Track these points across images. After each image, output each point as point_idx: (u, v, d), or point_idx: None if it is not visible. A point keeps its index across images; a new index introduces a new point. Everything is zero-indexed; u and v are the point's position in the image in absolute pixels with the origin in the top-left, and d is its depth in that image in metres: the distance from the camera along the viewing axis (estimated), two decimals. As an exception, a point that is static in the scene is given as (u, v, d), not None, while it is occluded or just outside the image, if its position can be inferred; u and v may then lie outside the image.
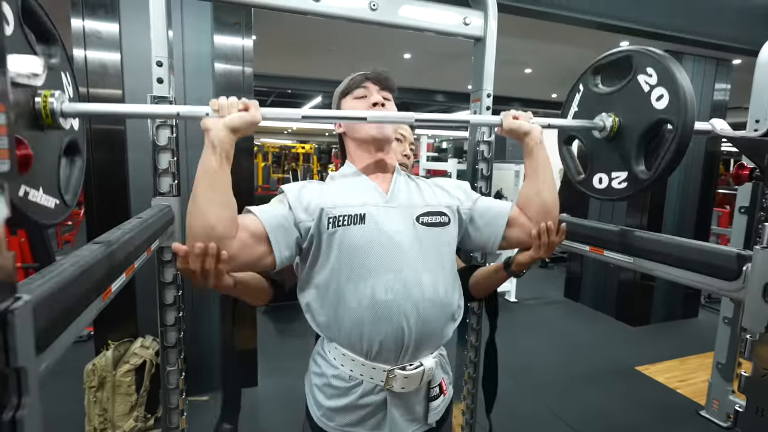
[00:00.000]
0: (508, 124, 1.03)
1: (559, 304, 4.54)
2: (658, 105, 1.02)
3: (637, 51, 1.09)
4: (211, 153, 0.79)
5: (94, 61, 2.15)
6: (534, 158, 1.02)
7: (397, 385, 0.90)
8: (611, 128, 1.12)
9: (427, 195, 1.01)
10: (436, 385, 0.97)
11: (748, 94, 2.11)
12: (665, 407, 2.65)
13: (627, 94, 1.11)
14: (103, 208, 2.27)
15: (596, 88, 1.21)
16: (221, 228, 0.77)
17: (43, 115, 0.67)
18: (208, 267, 0.74)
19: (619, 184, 1.13)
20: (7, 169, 0.37)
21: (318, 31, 3.59)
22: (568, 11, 2.64)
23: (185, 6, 2.27)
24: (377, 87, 1.01)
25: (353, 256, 0.88)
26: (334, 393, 0.93)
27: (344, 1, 1.35)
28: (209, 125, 0.80)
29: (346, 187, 0.97)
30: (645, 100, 1.04)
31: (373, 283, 0.87)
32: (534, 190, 1.02)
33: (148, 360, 2.16)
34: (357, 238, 0.88)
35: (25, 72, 0.47)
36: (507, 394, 2.74)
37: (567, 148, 1.33)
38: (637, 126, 1.07)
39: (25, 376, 0.40)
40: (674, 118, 0.98)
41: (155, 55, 1.18)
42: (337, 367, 0.92)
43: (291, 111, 0.93)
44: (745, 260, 0.82)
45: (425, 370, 0.92)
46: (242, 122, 0.81)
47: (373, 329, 0.87)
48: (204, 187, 0.78)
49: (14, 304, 0.39)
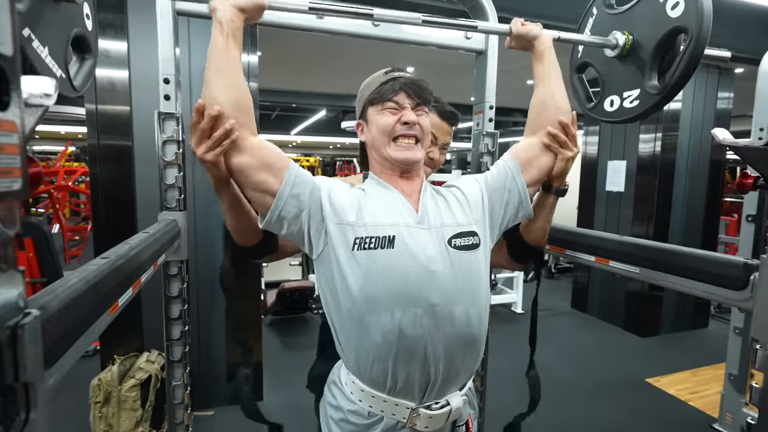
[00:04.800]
0: (517, 29, 1.03)
1: (566, 315, 4.49)
2: (673, 13, 1.00)
3: None
4: (219, 32, 0.80)
5: (103, 79, 2.19)
6: (545, 62, 1.02)
7: (421, 424, 0.82)
8: (624, 45, 1.10)
9: (457, 211, 0.90)
10: (462, 424, 0.89)
11: (751, 103, 2.11)
12: (677, 420, 2.60)
13: (641, 8, 1.09)
14: (110, 223, 2.29)
15: (609, 9, 1.20)
16: (228, 109, 0.79)
17: None
18: (217, 135, 0.78)
19: (631, 103, 1.11)
20: (19, 187, 0.37)
21: (321, 47, 3.64)
22: (570, 23, 2.66)
23: (192, 24, 2.32)
24: (411, 102, 0.89)
25: (379, 284, 0.79)
26: (351, 429, 0.86)
27: (347, 18, 1.37)
28: (216, 5, 0.80)
29: (375, 199, 0.87)
30: (660, 11, 1.03)
31: (401, 316, 0.79)
32: (549, 93, 1.00)
33: (153, 375, 2.16)
34: (384, 265, 0.79)
35: (38, 92, 0.49)
36: (515, 406, 2.69)
37: (578, 76, 1.31)
38: (650, 40, 1.05)
39: (34, 391, 0.40)
40: (690, 24, 0.96)
41: (163, 72, 1.20)
42: (354, 402, 0.85)
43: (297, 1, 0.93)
44: (753, 269, 0.82)
45: (452, 409, 0.84)
46: (250, 2, 0.82)
47: (399, 365, 0.80)
48: (212, 70, 0.81)
49: (23, 319, 0.40)
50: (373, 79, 0.94)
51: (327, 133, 10.76)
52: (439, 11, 2.16)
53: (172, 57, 1.20)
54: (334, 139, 12.55)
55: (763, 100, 2.07)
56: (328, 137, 11.88)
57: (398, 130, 0.88)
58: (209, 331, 2.53)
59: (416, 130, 0.89)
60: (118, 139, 2.26)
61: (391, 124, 0.88)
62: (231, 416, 2.50)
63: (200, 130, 0.79)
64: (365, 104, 0.94)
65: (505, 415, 1.34)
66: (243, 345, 2.08)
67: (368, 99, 0.92)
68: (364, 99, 0.94)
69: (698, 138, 3.89)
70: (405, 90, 0.88)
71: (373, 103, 0.91)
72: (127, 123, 2.25)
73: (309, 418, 1.01)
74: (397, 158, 0.89)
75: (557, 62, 1.02)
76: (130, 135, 2.26)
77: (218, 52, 0.80)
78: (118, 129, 2.24)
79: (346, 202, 0.84)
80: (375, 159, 0.95)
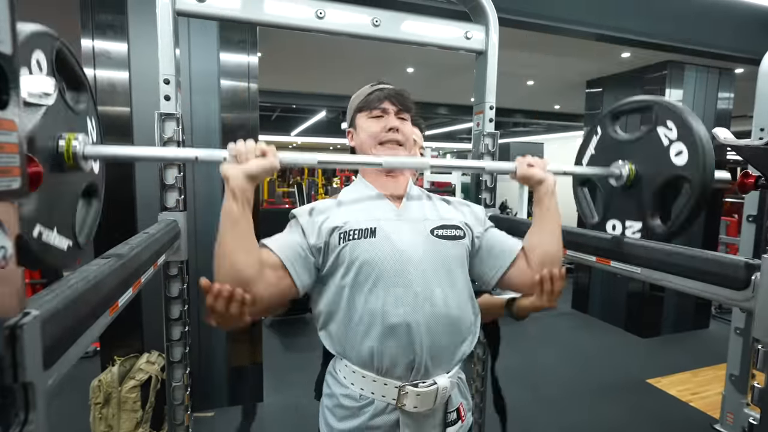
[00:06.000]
0: (522, 171, 0.99)
1: (567, 316, 4.48)
2: (677, 161, 1.00)
3: (659, 102, 1.07)
4: (233, 200, 0.80)
5: (103, 80, 2.19)
6: (543, 207, 0.99)
7: (410, 403, 0.86)
8: (627, 177, 1.10)
9: (442, 210, 1.01)
10: (453, 410, 0.92)
11: (752, 103, 2.11)
12: (678, 421, 2.59)
13: (646, 145, 1.08)
14: (110, 223, 2.28)
15: (614, 133, 1.19)
16: (247, 272, 0.80)
17: (65, 157, 0.69)
18: (233, 311, 0.75)
19: (633, 234, 1.11)
20: (18, 186, 0.37)
21: (322, 47, 3.64)
22: (569, 24, 2.66)
23: (192, 25, 2.32)
24: (395, 108, 1.01)
25: (363, 270, 0.87)
26: (344, 414, 0.90)
27: (347, 18, 1.38)
28: (229, 174, 0.80)
29: (358, 204, 0.98)
30: (664, 154, 1.02)
31: (384, 296, 0.86)
32: (537, 239, 0.98)
33: (153, 376, 2.15)
34: (367, 251, 0.87)
35: (37, 91, 0.48)
36: (516, 407, 2.68)
37: (582, 190, 1.30)
38: (654, 178, 1.05)
39: (33, 391, 0.40)
40: (692, 177, 0.96)
41: (163, 72, 1.20)
42: (347, 386, 0.90)
43: (308, 156, 0.94)
44: (754, 269, 0.81)
45: (439, 388, 0.87)
46: (261, 170, 0.81)
47: (384, 344, 0.85)
48: (229, 235, 0.80)
49: (23, 319, 0.40)
50: (362, 91, 1.06)
51: (327, 134, 10.77)
52: (440, 12, 2.16)
53: (172, 57, 1.20)
54: (334, 140, 12.56)
55: (763, 101, 2.07)
56: (328, 138, 11.89)
57: (383, 136, 0.99)
58: (209, 332, 2.52)
59: (399, 135, 0.99)
60: (118, 140, 2.25)
61: (377, 131, 0.99)
62: (231, 417, 2.50)
63: (218, 312, 0.77)
64: (354, 112, 1.05)
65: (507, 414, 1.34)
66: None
67: (357, 107, 1.04)
68: (353, 108, 1.05)
69: (698, 138, 3.89)
70: (389, 99, 1.00)
71: (361, 111, 1.03)
72: (127, 124, 2.25)
73: (309, 420, 1.01)
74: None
75: (557, 207, 1.00)
76: (130, 136, 2.26)
77: (234, 219, 0.80)
78: (118, 130, 2.24)
79: (328, 214, 0.93)
80: None
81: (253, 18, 1.31)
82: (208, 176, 2.41)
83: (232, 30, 2.38)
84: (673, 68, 3.73)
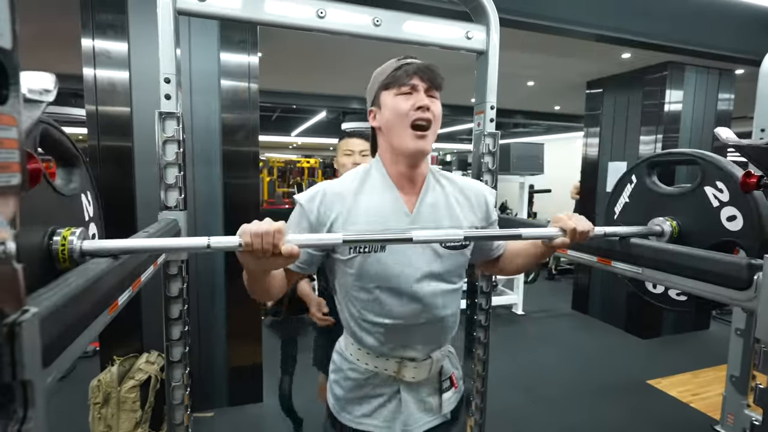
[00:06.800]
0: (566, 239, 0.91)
1: (567, 317, 4.48)
2: (730, 226, 0.96)
3: (707, 159, 1.01)
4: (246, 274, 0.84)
5: (103, 80, 2.19)
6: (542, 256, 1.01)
7: (408, 374, 0.95)
8: (670, 234, 1.06)
9: (457, 211, 0.97)
10: (446, 378, 1.02)
11: (752, 104, 2.11)
12: (679, 422, 2.59)
13: (690, 202, 1.03)
14: (110, 222, 2.28)
15: (654, 185, 1.15)
16: (278, 292, 0.92)
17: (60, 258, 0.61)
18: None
19: (678, 296, 1.07)
20: (18, 182, 0.37)
21: (322, 47, 3.64)
22: (570, 24, 2.67)
23: (192, 24, 2.32)
24: (425, 84, 0.91)
25: (370, 281, 0.91)
26: (350, 385, 0.98)
27: (348, 18, 1.37)
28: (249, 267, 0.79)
29: (371, 201, 0.93)
30: (713, 216, 0.98)
31: (390, 303, 0.91)
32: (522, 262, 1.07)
33: (153, 375, 2.15)
34: (373, 266, 0.90)
35: (37, 88, 0.48)
36: (515, 408, 2.69)
37: None
38: (700, 238, 1.01)
39: (32, 389, 0.40)
40: (749, 245, 0.92)
41: (163, 71, 1.20)
42: (353, 362, 0.98)
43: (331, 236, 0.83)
44: (756, 269, 0.81)
45: (434, 361, 0.98)
46: (277, 266, 0.79)
47: (387, 337, 0.94)
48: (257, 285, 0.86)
49: (22, 316, 0.39)
50: (387, 66, 0.96)
51: (327, 134, 10.76)
52: (441, 12, 2.16)
53: (173, 56, 1.20)
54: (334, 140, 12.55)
55: (764, 102, 2.07)
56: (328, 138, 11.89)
57: (413, 115, 0.90)
58: (209, 332, 2.52)
59: (429, 114, 0.91)
60: (118, 140, 2.25)
61: (406, 109, 0.90)
62: (230, 418, 2.50)
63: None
64: (378, 89, 0.95)
65: (505, 415, 1.33)
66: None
67: (382, 83, 0.94)
68: (378, 84, 0.95)
69: (699, 139, 3.89)
70: (418, 74, 0.91)
71: (388, 87, 0.93)
72: (127, 124, 2.25)
73: (309, 420, 1.02)
74: (410, 148, 0.91)
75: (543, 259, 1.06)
76: (130, 136, 2.26)
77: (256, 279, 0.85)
78: (119, 130, 2.24)
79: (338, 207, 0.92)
80: (384, 146, 0.97)
81: (254, 17, 1.30)
82: (209, 176, 2.41)
83: (232, 29, 2.38)
84: (674, 69, 3.73)
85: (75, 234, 0.64)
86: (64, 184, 0.73)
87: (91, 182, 0.83)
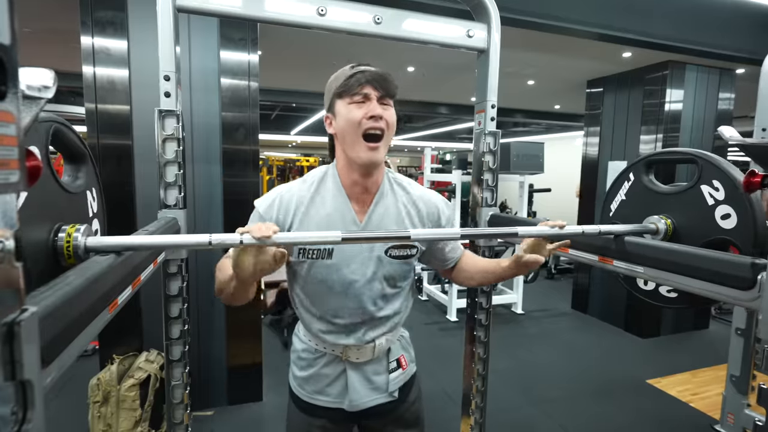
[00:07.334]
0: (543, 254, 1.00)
1: (566, 316, 4.48)
2: (724, 224, 0.97)
3: (705, 158, 1.02)
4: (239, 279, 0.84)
5: (103, 78, 2.18)
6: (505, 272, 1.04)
7: (353, 355, 1.03)
8: (665, 232, 1.07)
9: (404, 225, 1.01)
10: (393, 360, 1.09)
11: (752, 103, 2.11)
12: (678, 422, 2.59)
13: (685, 200, 1.05)
14: (109, 221, 2.27)
15: (650, 183, 1.17)
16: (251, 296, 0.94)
17: (65, 254, 0.62)
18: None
19: (668, 293, 1.08)
20: (17, 179, 0.37)
21: (322, 45, 3.63)
22: (571, 23, 2.66)
23: (192, 22, 2.31)
24: (378, 93, 0.92)
25: (317, 286, 0.99)
26: (303, 364, 1.07)
27: (349, 15, 1.37)
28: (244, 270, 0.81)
29: (322, 210, 0.97)
30: (707, 214, 0.99)
31: (335, 305, 0.99)
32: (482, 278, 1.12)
33: (152, 374, 2.15)
34: (320, 273, 0.97)
35: (36, 84, 0.47)
36: (515, 408, 2.69)
37: None
38: (694, 236, 1.02)
39: (31, 389, 0.39)
40: (742, 243, 0.93)
41: (163, 69, 1.19)
42: (305, 342, 1.07)
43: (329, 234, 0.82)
44: (760, 269, 0.81)
45: (376, 344, 1.03)
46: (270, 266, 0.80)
47: (330, 330, 1.02)
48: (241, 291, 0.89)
49: (20, 315, 0.39)
50: (340, 73, 0.96)
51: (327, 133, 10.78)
52: (442, 10, 2.16)
53: (173, 54, 1.19)
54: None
55: (765, 101, 2.06)
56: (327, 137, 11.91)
57: (365, 125, 0.91)
58: (209, 331, 2.51)
59: (382, 123, 0.91)
60: (118, 138, 2.25)
61: (358, 118, 0.91)
62: (230, 416, 2.49)
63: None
64: (333, 97, 0.96)
65: (505, 414, 1.33)
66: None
67: (336, 92, 0.94)
68: (332, 92, 0.96)
69: (699, 138, 3.89)
70: (371, 83, 0.91)
71: (341, 96, 0.93)
72: (127, 122, 2.24)
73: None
74: (362, 158, 0.93)
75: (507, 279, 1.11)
76: (129, 134, 2.25)
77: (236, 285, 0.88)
78: (118, 128, 2.23)
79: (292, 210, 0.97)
80: (340, 153, 0.99)
81: (254, 15, 1.30)
82: (208, 174, 2.41)
83: (232, 27, 2.37)
84: (674, 68, 3.72)
85: (79, 231, 0.64)
86: (71, 180, 0.74)
87: (96, 178, 0.83)
